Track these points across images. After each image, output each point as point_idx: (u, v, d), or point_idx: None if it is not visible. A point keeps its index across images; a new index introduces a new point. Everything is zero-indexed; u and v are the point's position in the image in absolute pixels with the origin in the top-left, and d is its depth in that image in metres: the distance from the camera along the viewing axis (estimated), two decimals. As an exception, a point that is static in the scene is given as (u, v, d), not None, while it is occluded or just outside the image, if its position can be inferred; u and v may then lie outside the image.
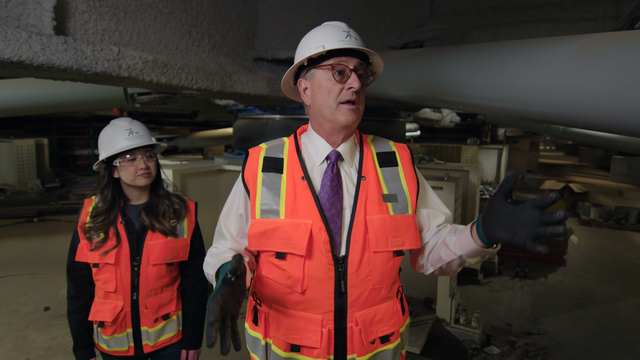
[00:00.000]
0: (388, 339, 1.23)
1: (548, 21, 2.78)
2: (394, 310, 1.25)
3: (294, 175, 1.20)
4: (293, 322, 1.18)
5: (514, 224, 0.96)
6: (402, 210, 1.21)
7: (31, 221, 7.43)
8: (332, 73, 1.13)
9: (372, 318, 1.20)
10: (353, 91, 1.13)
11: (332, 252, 1.14)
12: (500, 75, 1.50)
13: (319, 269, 1.14)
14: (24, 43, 1.65)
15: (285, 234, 1.15)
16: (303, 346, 1.17)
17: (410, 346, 2.99)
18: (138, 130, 1.61)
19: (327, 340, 1.16)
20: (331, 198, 1.17)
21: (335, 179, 1.19)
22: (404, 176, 1.25)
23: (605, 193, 11.30)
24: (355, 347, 1.18)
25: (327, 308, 1.16)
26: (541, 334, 3.70)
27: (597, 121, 1.20)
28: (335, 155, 1.22)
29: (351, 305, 1.17)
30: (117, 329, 1.62)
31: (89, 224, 1.58)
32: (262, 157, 1.25)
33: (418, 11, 3.24)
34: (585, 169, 18.34)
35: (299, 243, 1.13)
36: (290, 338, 1.18)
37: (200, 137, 11.03)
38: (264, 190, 1.19)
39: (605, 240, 6.96)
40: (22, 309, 3.99)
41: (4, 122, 11.62)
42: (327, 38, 1.14)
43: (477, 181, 5.03)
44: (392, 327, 1.23)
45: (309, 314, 1.17)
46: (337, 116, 1.15)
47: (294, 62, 1.21)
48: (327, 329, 1.16)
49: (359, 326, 1.17)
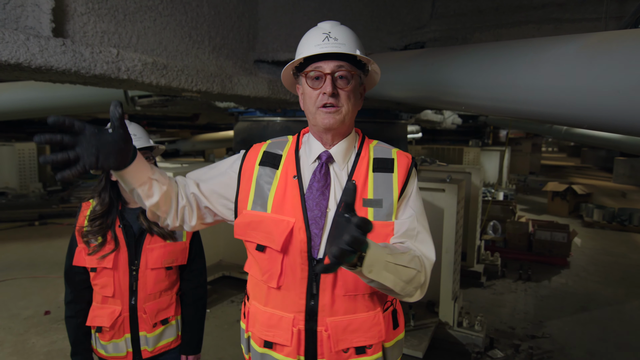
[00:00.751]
0: (364, 350, 1.19)
1: (550, 22, 2.76)
2: (375, 322, 1.20)
3: (288, 172, 1.23)
4: (267, 319, 1.20)
5: (336, 236, 0.92)
6: (385, 217, 1.17)
7: (32, 224, 7.43)
8: (307, 80, 1.18)
9: (346, 326, 1.18)
10: (328, 95, 1.15)
11: (309, 253, 1.15)
12: (502, 76, 1.48)
13: (293, 267, 1.16)
14: (22, 45, 1.64)
15: (267, 228, 1.17)
16: (275, 343, 1.19)
17: (412, 350, 2.96)
18: (135, 132, 1.59)
19: (297, 340, 1.17)
20: (316, 198, 1.18)
21: (322, 179, 1.20)
22: (397, 184, 1.20)
23: (608, 194, 11.25)
24: (324, 352, 1.18)
25: (298, 308, 1.17)
26: (545, 337, 3.67)
27: (602, 121, 1.17)
28: (326, 156, 1.23)
29: (322, 309, 1.17)
30: (115, 334, 1.59)
31: (87, 227, 1.56)
32: (262, 151, 1.28)
33: (419, 12, 3.22)
34: (587, 170, 18.27)
35: (277, 238, 1.15)
36: (264, 334, 1.21)
37: (202, 140, 11.03)
38: (257, 183, 1.23)
39: (609, 242, 6.92)
40: (22, 312, 3.97)
41: (5, 125, 11.63)
42: (307, 44, 1.19)
43: (479, 183, 5.00)
44: (370, 339, 1.20)
45: (282, 311, 1.19)
46: (317, 120, 1.19)
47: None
48: (297, 328, 1.17)
49: (328, 332, 1.16)
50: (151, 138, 1.75)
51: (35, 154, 10.08)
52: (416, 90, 2.14)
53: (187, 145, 10.98)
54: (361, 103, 1.27)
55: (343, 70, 1.16)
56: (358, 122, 1.27)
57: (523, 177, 13.68)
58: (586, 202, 8.91)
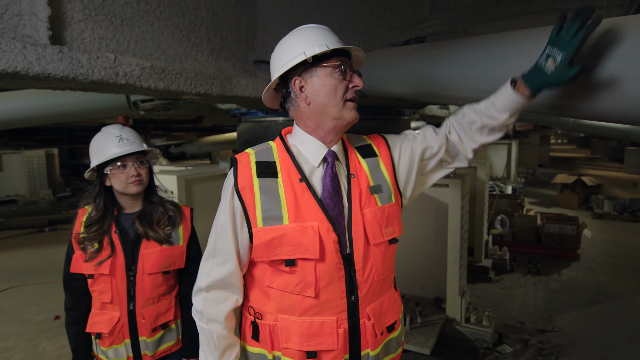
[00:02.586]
0: (393, 327, 1.27)
1: (552, 11, 2.71)
2: (395, 298, 1.31)
3: (291, 177, 1.18)
4: (306, 329, 1.15)
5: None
6: (387, 199, 1.24)
7: (42, 231, 7.52)
8: (338, 72, 1.17)
9: (380, 309, 1.22)
10: (356, 89, 1.19)
11: (342, 252, 1.16)
12: (500, 68, 1.46)
13: (330, 269, 1.14)
14: (19, 54, 1.65)
15: (294, 240, 1.12)
16: (320, 351, 1.16)
17: (420, 347, 2.94)
18: (128, 136, 1.59)
19: (344, 340, 1.17)
20: (334, 198, 1.18)
21: (335, 178, 1.20)
22: (383, 165, 1.28)
23: (619, 185, 11.09)
24: (369, 342, 1.19)
25: (340, 308, 1.17)
26: (555, 331, 3.63)
27: (599, 110, 1.15)
28: (332, 155, 1.22)
29: (362, 300, 1.18)
30: (115, 340, 1.60)
31: (83, 234, 1.56)
32: (254, 162, 1.20)
33: (419, 7, 3.19)
34: (598, 161, 18.02)
35: (311, 247, 1.12)
36: (305, 345, 1.15)
37: (208, 142, 11.10)
38: (262, 196, 1.15)
39: (620, 233, 6.82)
40: (33, 318, 4.02)
41: (14, 133, 11.78)
42: (324, 38, 1.16)
43: (485, 177, 4.96)
44: (396, 314, 1.29)
45: (323, 317, 1.16)
46: (344, 113, 1.19)
47: (284, 63, 1.18)
48: (342, 328, 1.16)
49: (371, 320, 1.19)
50: (157, 142, 1.75)
51: (44, 161, 10.20)
52: (413, 86, 2.13)
53: (193, 148, 11.04)
54: None
55: (355, 68, 1.24)
56: (360, 120, 1.28)
57: (532, 170, 13.54)
58: (596, 193, 8.79)
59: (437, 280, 3.57)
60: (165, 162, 7.06)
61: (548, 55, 1.09)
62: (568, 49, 1.03)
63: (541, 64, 1.10)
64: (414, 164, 1.30)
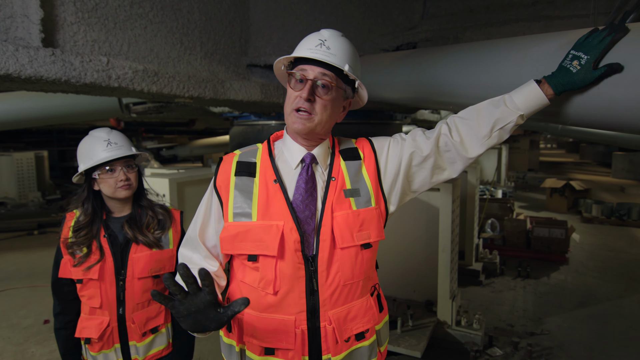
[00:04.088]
0: (363, 335, 1.24)
1: (540, 19, 2.77)
2: (368, 306, 1.26)
3: (267, 178, 1.23)
4: (266, 325, 1.19)
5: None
6: (365, 203, 1.23)
7: (31, 234, 7.43)
8: (291, 81, 1.19)
9: (346, 316, 1.21)
10: (303, 100, 1.15)
11: (303, 252, 1.16)
12: (487, 74, 1.49)
13: (289, 268, 1.16)
14: (11, 56, 1.65)
15: (256, 236, 1.17)
16: (277, 348, 1.19)
17: (411, 350, 2.96)
18: (117, 140, 1.57)
19: (301, 340, 1.17)
20: (305, 200, 1.19)
21: (309, 181, 1.22)
22: (365, 170, 1.27)
23: (607, 190, 11.25)
24: (329, 347, 1.19)
25: (299, 308, 1.18)
26: (544, 334, 3.67)
27: (582, 117, 1.19)
28: (310, 157, 1.24)
29: (323, 303, 1.18)
30: (105, 345, 1.58)
31: (71, 238, 1.54)
32: (235, 161, 1.26)
33: (410, 13, 3.24)
34: (586, 166, 18.27)
35: (270, 244, 1.15)
36: (265, 341, 1.19)
37: (200, 145, 11.06)
38: (236, 193, 1.21)
39: (608, 237, 6.92)
40: (21, 322, 3.97)
41: (3, 135, 11.65)
42: (301, 46, 1.20)
43: (475, 181, 5.01)
44: (367, 323, 1.25)
45: (282, 315, 1.18)
46: (289, 122, 1.21)
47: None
48: (300, 329, 1.17)
49: (332, 325, 1.18)
50: (149, 144, 1.75)
51: (33, 163, 10.09)
52: (405, 91, 2.16)
53: (184, 151, 11.00)
54: (342, 117, 1.28)
55: (326, 79, 1.16)
56: (352, 124, 1.29)
57: (522, 174, 13.68)
58: (585, 197, 8.91)
59: (428, 283, 3.59)
60: (157, 165, 7.02)
61: (573, 56, 1.13)
62: (594, 51, 1.09)
63: (566, 65, 1.14)
64: (401, 168, 1.26)
